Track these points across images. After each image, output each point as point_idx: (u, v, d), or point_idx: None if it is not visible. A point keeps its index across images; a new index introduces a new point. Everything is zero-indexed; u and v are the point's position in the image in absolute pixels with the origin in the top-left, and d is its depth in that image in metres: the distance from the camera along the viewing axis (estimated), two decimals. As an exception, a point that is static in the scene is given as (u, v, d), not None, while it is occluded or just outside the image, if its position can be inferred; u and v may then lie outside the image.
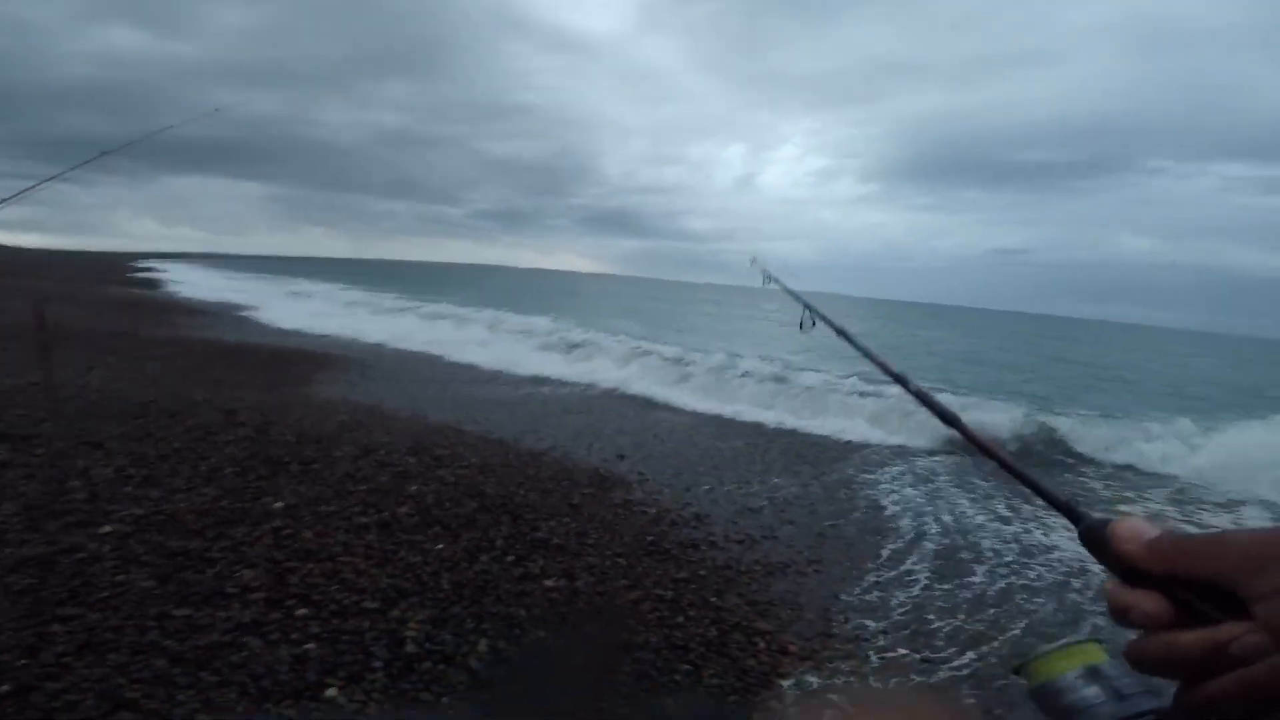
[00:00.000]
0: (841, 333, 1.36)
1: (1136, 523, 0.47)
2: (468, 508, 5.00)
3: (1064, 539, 5.54)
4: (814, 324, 1.52)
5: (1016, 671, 0.56)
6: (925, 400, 0.92)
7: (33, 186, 5.03)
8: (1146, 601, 0.43)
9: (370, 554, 4.00)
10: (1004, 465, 0.73)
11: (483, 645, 3.19)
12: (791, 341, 24.24)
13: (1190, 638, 0.40)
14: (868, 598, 4.47)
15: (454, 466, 5.98)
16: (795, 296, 1.68)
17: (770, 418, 10.53)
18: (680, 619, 3.77)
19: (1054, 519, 5.47)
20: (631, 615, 3.78)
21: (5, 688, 2.42)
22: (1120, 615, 0.44)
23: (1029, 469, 0.67)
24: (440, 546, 4.27)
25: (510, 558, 4.25)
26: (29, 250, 79.29)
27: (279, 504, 4.52)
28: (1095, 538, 0.50)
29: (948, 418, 0.88)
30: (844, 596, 4.45)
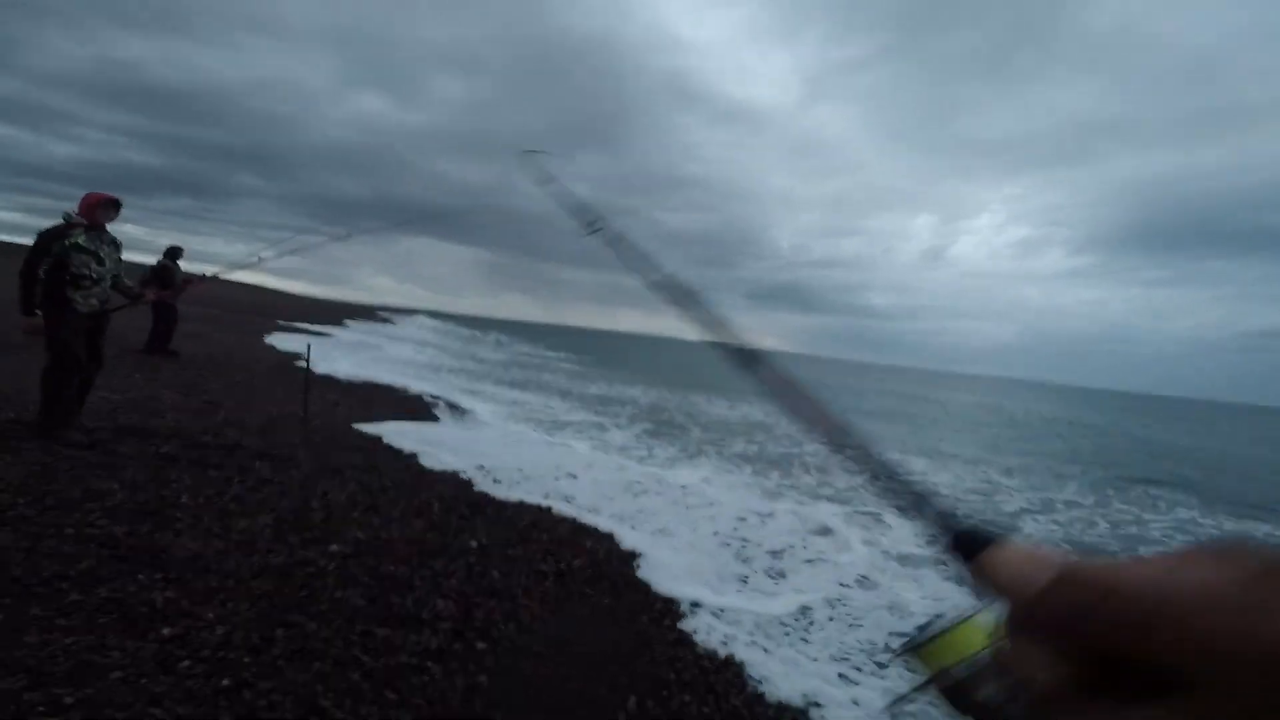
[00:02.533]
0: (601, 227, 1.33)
1: (1030, 551, 0.37)
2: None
3: None
4: (598, 229, 1.39)
5: (910, 654, 0.47)
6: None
7: (319, 244, 6.01)
8: (1044, 671, 0.31)
9: (545, 600, 4.25)
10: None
11: (632, 702, 3.27)
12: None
13: None
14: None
15: (631, 524, 6.23)
16: (574, 201, 1.53)
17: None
18: None
19: None
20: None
21: (225, 682, 2.76)
22: (1010, 683, 0.33)
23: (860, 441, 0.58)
24: (607, 601, 4.44)
25: (667, 622, 4.32)
26: (290, 295, 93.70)
27: (474, 542, 4.94)
28: (971, 555, 0.41)
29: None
30: None
